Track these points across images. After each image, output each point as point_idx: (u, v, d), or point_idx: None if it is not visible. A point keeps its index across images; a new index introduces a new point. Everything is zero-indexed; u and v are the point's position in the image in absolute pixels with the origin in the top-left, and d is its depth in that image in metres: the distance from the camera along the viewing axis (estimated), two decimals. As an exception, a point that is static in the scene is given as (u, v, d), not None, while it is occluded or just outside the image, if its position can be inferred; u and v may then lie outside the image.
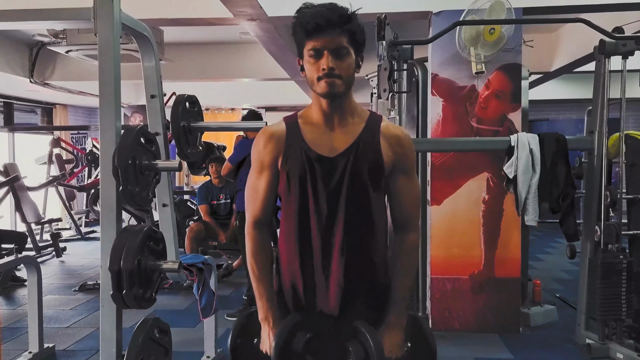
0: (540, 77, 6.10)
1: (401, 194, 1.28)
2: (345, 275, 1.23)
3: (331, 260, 1.23)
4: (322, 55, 1.17)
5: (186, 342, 3.16)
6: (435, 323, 3.42)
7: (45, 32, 5.09)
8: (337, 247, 1.22)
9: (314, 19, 1.17)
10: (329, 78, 1.17)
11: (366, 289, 1.27)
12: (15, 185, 5.59)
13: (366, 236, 1.26)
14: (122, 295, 1.70)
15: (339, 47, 1.17)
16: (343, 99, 1.23)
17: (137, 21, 2.02)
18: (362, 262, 1.25)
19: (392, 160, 1.25)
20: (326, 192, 1.22)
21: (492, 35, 3.14)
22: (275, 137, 1.27)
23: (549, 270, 5.16)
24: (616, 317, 2.90)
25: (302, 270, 1.26)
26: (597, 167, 3.04)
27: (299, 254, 1.26)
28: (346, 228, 1.22)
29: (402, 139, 1.28)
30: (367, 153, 1.23)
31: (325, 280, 1.24)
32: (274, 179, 1.27)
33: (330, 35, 1.16)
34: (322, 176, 1.22)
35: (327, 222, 1.23)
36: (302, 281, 1.26)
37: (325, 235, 1.23)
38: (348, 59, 1.19)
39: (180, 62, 5.92)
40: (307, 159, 1.23)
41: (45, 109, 8.37)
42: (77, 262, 5.69)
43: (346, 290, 1.24)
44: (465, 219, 3.37)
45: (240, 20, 3.69)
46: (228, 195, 4.96)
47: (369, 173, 1.23)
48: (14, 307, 4.09)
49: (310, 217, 1.23)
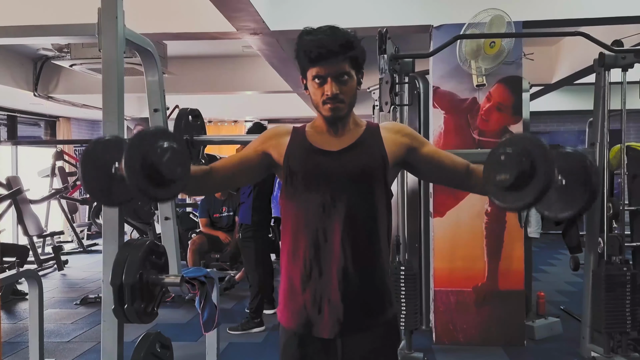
0: (541, 89, 6.13)
1: (439, 155, 1.31)
2: (347, 265, 1.23)
3: (332, 251, 1.23)
4: (325, 81, 1.21)
5: (188, 357, 3.14)
6: (439, 336, 3.39)
7: (50, 46, 5.15)
8: (339, 240, 1.22)
9: (317, 48, 1.19)
10: (333, 104, 1.22)
11: (368, 282, 1.26)
12: (18, 198, 5.60)
13: (369, 229, 1.26)
14: (123, 309, 1.69)
15: (342, 74, 1.21)
16: (346, 116, 1.28)
17: (141, 36, 2.05)
18: (363, 252, 1.25)
19: (402, 149, 1.29)
20: (329, 185, 1.23)
21: (493, 48, 3.16)
22: (279, 135, 1.32)
23: (553, 283, 5.13)
24: (621, 330, 2.87)
25: (304, 263, 1.25)
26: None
27: (303, 250, 1.25)
28: (348, 220, 1.23)
29: (403, 126, 1.36)
30: (371, 147, 1.27)
31: (328, 267, 1.23)
32: (250, 160, 1.31)
33: (333, 63, 1.20)
34: (325, 169, 1.24)
35: (329, 216, 1.23)
36: (302, 274, 1.25)
37: (328, 229, 1.23)
38: (350, 83, 1.24)
39: (183, 75, 5.97)
40: (311, 154, 1.26)
41: (49, 122, 8.43)
42: (78, 275, 5.68)
43: (348, 279, 1.23)
44: (468, 231, 3.37)
45: (243, 35, 3.73)
46: (230, 208, 4.97)
47: (373, 166, 1.26)
48: (14, 322, 4.07)
49: (312, 212, 1.24)
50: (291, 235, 1.28)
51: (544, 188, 0.99)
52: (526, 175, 1.00)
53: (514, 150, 1.04)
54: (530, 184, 1.00)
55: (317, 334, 1.25)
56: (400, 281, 2.89)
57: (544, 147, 1.01)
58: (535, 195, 0.99)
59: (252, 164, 1.31)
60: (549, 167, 0.99)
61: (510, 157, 1.03)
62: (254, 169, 1.32)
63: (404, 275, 2.89)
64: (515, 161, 1.02)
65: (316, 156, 1.26)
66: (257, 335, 3.62)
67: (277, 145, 1.30)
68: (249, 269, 3.88)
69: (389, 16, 3.54)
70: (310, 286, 1.25)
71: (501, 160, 1.05)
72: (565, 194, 1.07)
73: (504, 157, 1.05)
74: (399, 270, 2.90)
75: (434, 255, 3.42)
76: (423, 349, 3.10)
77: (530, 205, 1.02)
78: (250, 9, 3.14)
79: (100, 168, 1.10)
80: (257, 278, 3.76)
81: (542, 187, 0.99)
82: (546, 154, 1.00)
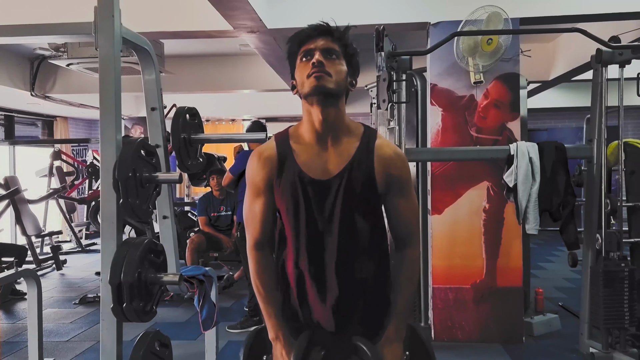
0: (538, 86, 6.13)
1: (399, 213, 1.27)
2: (340, 295, 1.24)
3: (326, 282, 1.24)
4: (313, 55, 1.18)
5: (187, 355, 3.14)
6: (437, 333, 3.40)
7: (47, 45, 5.14)
8: (333, 269, 1.23)
9: (306, 31, 1.22)
10: (319, 72, 1.15)
11: (362, 307, 1.27)
12: (16, 198, 5.59)
13: (361, 257, 1.25)
14: (122, 308, 1.69)
15: (330, 48, 1.19)
16: (335, 109, 1.20)
17: (137, 35, 2.04)
18: (357, 282, 1.25)
19: (386, 182, 1.24)
20: (320, 215, 1.22)
21: (490, 45, 3.17)
22: (267, 159, 1.26)
23: (551, 279, 5.14)
24: (619, 326, 2.88)
25: (298, 289, 1.27)
26: (596, 175, 3.04)
27: (296, 275, 1.27)
28: (341, 249, 1.22)
29: (395, 160, 1.24)
30: (361, 175, 1.21)
31: (322, 297, 1.25)
32: (269, 200, 1.27)
33: (322, 39, 1.20)
34: (316, 200, 1.22)
35: (321, 244, 1.23)
36: (300, 298, 1.28)
37: (319, 258, 1.23)
38: (339, 63, 1.19)
39: (180, 74, 5.96)
40: (301, 182, 1.21)
41: (46, 121, 8.41)
42: (77, 275, 5.68)
43: (342, 308, 1.24)
44: (466, 228, 3.37)
45: (240, 33, 3.73)
46: (229, 207, 4.96)
47: (363, 195, 1.22)
48: (13, 321, 4.07)
49: (304, 239, 1.24)
50: (287, 260, 1.29)
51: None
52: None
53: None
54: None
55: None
56: (398, 278, 2.89)
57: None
58: None
59: (273, 200, 1.27)
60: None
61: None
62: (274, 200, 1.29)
63: (403, 273, 2.90)
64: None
65: (306, 186, 1.22)
66: (257, 334, 3.62)
67: (270, 171, 1.26)
68: (248, 268, 3.88)
69: (386, 14, 3.54)
70: (304, 309, 1.28)
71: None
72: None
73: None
74: (398, 268, 2.90)
75: (433, 253, 3.42)
76: (422, 346, 3.11)
77: None
78: (247, 7, 3.13)
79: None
80: (256, 276, 3.75)
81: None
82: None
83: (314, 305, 1.26)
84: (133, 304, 1.69)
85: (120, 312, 1.70)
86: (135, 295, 1.69)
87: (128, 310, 1.69)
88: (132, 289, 1.68)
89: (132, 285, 1.68)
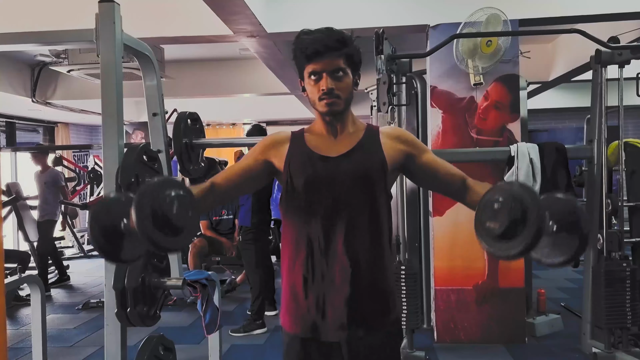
0: (538, 87, 6.14)
1: (436, 164, 1.31)
2: (350, 270, 1.23)
3: (335, 256, 1.24)
4: (321, 77, 1.24)
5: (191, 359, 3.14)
6: (440, 335, 3.40)
7: (47, 52, 5.16)
8: (341, 244, 1.23)
9: (313, 44, 1.23)
10: (329, 98, 1.24)
11: (371, 285, 1.27)
12: (18, 205, 5.60)
13: (370, 233, 1.27)
14: (126, 313, 1.70)
15: (337, 69, 1.24)
16: (343, 114, 1.29)
17: (138, 41, 2.06)
18: (366, 256, 1.26)
19: (403, 152, 1.30)
20: (330, 191, 1.25)
21: (489, 47, 3.18)
22: (278, 142, 1.32)
23: (553, 279, 5.14)
24: (622, 326, 2.88)
25: (306, 268, 1.26)
26: (597, 175, 3.04)
27: (305, 255, 1.26)
28: (350, 225, 1.24)
29: (403, 132, 1.37)
30: (370, 152, 1.28)
31: (331, 272, 1.24)
32: (252, 170, 1.31)
33: (328, 59, 1.23)
34: (326, 175, 1.25)
35: (331, 221, 1.24)
36: (305, 279, 1.26)
37: (330, 234, 1.24)
38: (346, 79, 1.26)
39: (181, 79, 5.98)
40: (312, 160, 1.27)
41: (47, 127, 8.44)
42: (80, 281, 5.68)
43: (351, 283, 1.24)
44: (467, 230, 3.34)
45: (240, 37, 3.74)
46: (230, 211, 4.97)
47: (373, 171, 1.27)
48: (17, 327, 4.08)
49: (314, 217, 1.25)
50: (293, 241, 1.29)
51: (534, 239, 0.98)
52: (517, 226, 0.99)
53: (505, 199, 1.02)
54: (520, 235, 0.99)
55: (321, 338, 1.26)
56: (400, 280, 2.90)
57: (536, 198, 1.00)
58: (525, 246, 0.98)
59: (254, 174, 1.31)
60: (540, 219, 0.98)
61: (501, 207, 1.02)
62: (257, 178, 1.33)
63: (405, 275, 2.90)
64: (506, 211, 1.01)
65: (316, 162, 1.27)
66: (259, 337, 3.63)
67: (278, 153, 1.30)
68: (250, 271, 3.89)
69: (386, 17, 3.55)
70: (313, 291, 1.26)
71: (493, 207, 1.04)
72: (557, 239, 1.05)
73: (495, 205, 1.04)
74: (400, 270, 2.91)
75: (434, 254, 3.43)
76: (425, 348, 3.11)
77: (521, 255, 1.01)
78: (247, 12, 3.15)
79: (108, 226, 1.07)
80: (258, 280, 3.76)
81: (532, 238, 0.98)
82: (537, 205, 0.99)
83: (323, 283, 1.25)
84: (137, 309, 1.70)
85: (124, 316, 1.71)
86: (139, 299, 1.70)
87: (132, 315, 1.70)
88: (136, 294, 1.69)
89: (135, 290, 1.69)
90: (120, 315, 1.71)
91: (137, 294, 1.69)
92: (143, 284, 1.72)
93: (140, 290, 1.70)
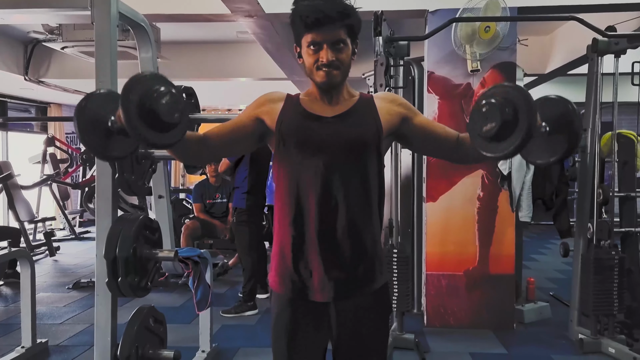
0: (534, 80, 6.15)
1: (431, 124, 1.34)
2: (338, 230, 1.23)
3: (325, 222, 1.23)
4: (321, 47, 1.21)
5: (181, 338, 3.14)
6: (430, 319, 3.43)
7: (41, 28, 5.08)
8: (330, 208, 1.23)
9: (314, 13, 1.18)
10: (328, 69, 1.21)
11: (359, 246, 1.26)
12: (8, 183, 5.55)
13: (361, 195, 1.26)
14: (117, 283, 1.70)
15: (338, 41, 1.21)
16: (340, 85, 1.28)
17: (134, 11, 2.03)
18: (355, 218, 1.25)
19: (398, 114, 1.30)
20: (322, 151, 1.23)
21: (488, 33, 3.17)
22: (272, 100, 1.31)
23: (543, 270, 5.19)
24: (608, 313, 2.92)
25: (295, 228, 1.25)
26: (589, 164, 3.07)
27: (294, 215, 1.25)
28: (341, 186, 1.23)
29: (397, 96, 1.38)
30: (365, 115, 1.28)
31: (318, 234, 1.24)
32: (244, 126, 1.29)
33: (330, 30, 1.19)
34: (319, 135, 1.24)
35: (322, 182, 1.23)
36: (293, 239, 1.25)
37: (318, 198, 1.23)
38: (346, 50, 1.23)
39: (176, 60, 5.92)
40: (305, 119, 1.26)
41: (40, 107, 8.34)
42: (70, 262, 5.66)
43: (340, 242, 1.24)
44: (460, 216, 3.39)
45: (238, 17, 3.71)
46: (224, 195, 4.96)
47: (367, 134, 1.26)
48: (6, 305, 4.06)
49: (305, 178, 1.24)
50: (284, 199, 1.28)
51: (527, 135, 1.02)
52: (510, 124, 1.03)
53: (496, 100, 1.05)
54: (514, 133, 1.03)
55: (309, 298, 1.26)
56: (392, 264, 2.91)
57: (526, 95, 1.03)
58: (519, 142, 1.02)
59: (246, 130, 1.30)
60: (531, 115, 1.01)
61: (493, 108, 1.05)
62: (248, 136, 1.31)
63: (397, 259, 2.92)
64: (498, 111, 1.04)
65: (310, 121, 1.26)
66: (250, 318, 3.64)
67: (270, 110, 1.29)
68: (243, 253, 3.89)
69: (385, 0, 3.53)
70: (301, 250, 1.25)
71: (485, 111, 1.07)
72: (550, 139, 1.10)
73: (487, 107, 1.06)
74: (392, 254, 2.92)
75: (426, 240, 3.44)
76: (414, 332, 3.13)
77: (516, 151, 1.05)
78: (245, -10, 3.12)
79: (96, 121, 1.06)
80: (250, 262, 3.77)
81: (525, 134, 1.01)
82: (528, 102, 1.02)
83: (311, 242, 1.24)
84: (128, 279, 1.70)
85: (115, 286, 1.70)
86: (131, 269, 1.70)
87: (123, 285, 1.69)
88: (127, 264, 1.69)
89: (127, 260, 1.69)
90: (111, 285, 1.70)
91: (129, 264, 1.69)
92: (135, 255, 1.71)
93: (131, 261, 1.70)
